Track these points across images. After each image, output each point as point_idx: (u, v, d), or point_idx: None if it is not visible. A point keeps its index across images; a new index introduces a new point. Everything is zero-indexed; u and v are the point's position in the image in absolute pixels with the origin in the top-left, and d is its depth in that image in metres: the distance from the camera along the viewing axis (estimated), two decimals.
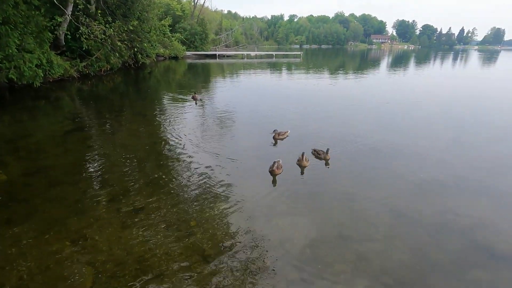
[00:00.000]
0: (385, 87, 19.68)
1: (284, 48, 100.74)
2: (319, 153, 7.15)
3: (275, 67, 32.67)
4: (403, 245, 4.31)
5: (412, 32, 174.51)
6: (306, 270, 3.82)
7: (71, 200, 5.14)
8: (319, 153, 7.15)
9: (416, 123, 10.56)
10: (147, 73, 25.12)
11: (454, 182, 6.22)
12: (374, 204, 5.33)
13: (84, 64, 18.67)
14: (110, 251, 4.02)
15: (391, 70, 31.36)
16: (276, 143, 8.13)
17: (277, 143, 8.15)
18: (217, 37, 58.99)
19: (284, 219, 4.83)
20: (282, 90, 17.25)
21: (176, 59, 38.13)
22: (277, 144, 8.11)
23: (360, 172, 6.57)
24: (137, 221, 4.64)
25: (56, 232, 4.35)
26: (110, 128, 9.55)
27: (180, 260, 3.90)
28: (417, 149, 8.01)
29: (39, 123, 10.01)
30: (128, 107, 12.91)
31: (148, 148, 7.73)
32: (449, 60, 51.19)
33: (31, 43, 13.51)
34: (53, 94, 14.53)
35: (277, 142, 8.17)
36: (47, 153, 7.21)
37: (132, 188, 5.58)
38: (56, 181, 5.79)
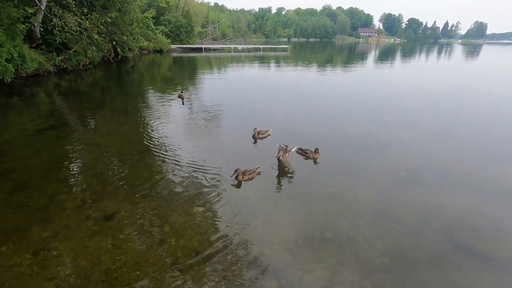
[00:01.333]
0: (372, 80, 19.67)
1: (272, 41, 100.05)
2: (306, 152, 6.86)
3: (262, 60, 32.28)
4: (384, 246, 4.17)
5: (399, 26, 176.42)
6: (285, 277, 3.62)
7: (35, 206, 4.77)
8: (306, 152, 6.86)
9: (401, 117, 10.52)
10: (130, 67, 24.34)
11: (438, 177, 6.16)
12: (357, 202, 5.18)
13: (61, 58, 17.84)
14: (75, 263, 3.72)
15: (378, 64, 31.48)
16: (255, 141, 7.85)
17: (257, 142, 7.85)
18: (203, 30, 57.90)
19: (264, 222, 4.62)
20: (269, 85, 16.96)
21: (160, 52, 37.22)
22: (256, 143, 7.82)
23: (344, 168, 6.42)
24: (107, 228, 4.34)
25: (15, 242, 4.00)
26: (86, 127, 9.08)
27: (151, 271, 3.64)
28: (402, 143, 7.96)
29: (10, 121, 9.42)
30: (109, 103, 12.38)
31: (124, 147, 7.36)
32: (434, 54, 51.93)
33: (1, 36, 12.72)
34: (28, 90, 13.80)
35: (256, 141, 7.88)
36: (14, 155, 6.73)
37: (104, 192, 5.25)
38: (20, 185, 5.38)
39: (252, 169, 5.86)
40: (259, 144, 7.76)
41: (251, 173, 5.80)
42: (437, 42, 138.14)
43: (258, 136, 7.95)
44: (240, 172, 5.67)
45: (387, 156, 7.17)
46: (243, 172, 5.72)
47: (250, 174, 5.76)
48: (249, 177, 5.76)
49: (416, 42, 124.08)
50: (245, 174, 5.71)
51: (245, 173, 5.72)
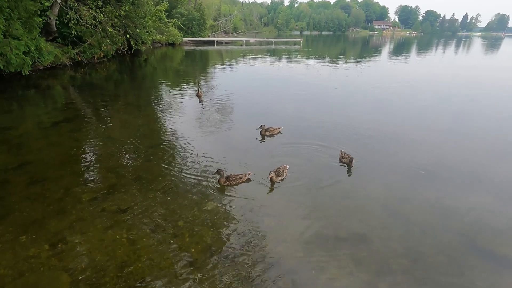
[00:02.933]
0: (385, 76, 19.18)
1: (284, 34, 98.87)
2: (344, 156, 6.29)
3: (274, 54, 31.95)
4: (401, 247, 4.05)
5: (415, 18, 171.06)
6: (299, 275, 3.57)
7: (52, 198, 4.85)
8: (344, 156, 6.29)
9: (414, 113, 10.23)
10: (142, 60, 24.49)
11: (454, 176, 5.98)
12: (372, 202, 5.07)
13: (76, 51, 18.08)
14: (91, 256, 3.76)
15: (392, 58, 30.70)
16: (263, 139, 7.68)
17: (265, 139, 7.66)
18: (215, 23, 57.58)
19: (276, 220, 4.56)
20: (281, 79, 16.77)
21: (173, 45, 37.29)
22: (264, 140, 7.63)
23: (357, 166, 6.26)
24: (121, 222, 4.37)
25: (33, 234, 4.07)
26: (100, 119, 9.18)
27: (166, 266, 3.64)
28: (415, 140, 7.76)
29: (27, 113, 9.62)
30: (122, 96, 12.49)
31: (138, 141, 7.40)
32: (451, 48, 50.24)
33: (19, 29, 12.93)
34: (44, 83, 14.07)
35: (264, 138, 7.70)
36: (31, 147, 6.87)
37: (119, 185, 5.29)
38: (37, 177, 5.49)
39: (238, 175, 5.43)
40: (272, 141, 7.67)
41: (235, 179, 5.38)
42: (455, 35, 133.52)
43: (265, 133, 7.75)
44: (223, 174, 5.32)
45: (400, 153, 6.99)
46: (227, 177, 5.36)
47: (233, 180, 5.36)
48: (232, 183, 5.36)
49: (433, 35, 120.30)
50: (228, 179, 5.34)
51: (229, 178, 5.35)
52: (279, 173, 5.51)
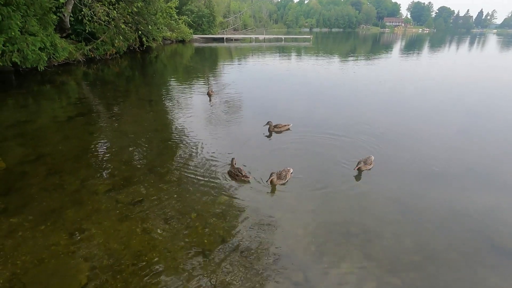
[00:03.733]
0: (396, 72, 18.91)
1: (294, 31, 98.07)
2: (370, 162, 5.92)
3: (284, 51, 31.82)
4: (414, 243, 4.04)
5: (428, 15, 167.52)
6: (311, 270, 3.60)
7: (69, 190, 4.99)
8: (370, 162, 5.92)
9: (425, 110, 10.08)
10: (153, 57, 24.74)
11: (466, 172, 5.91)
12: (384, 198, 5.05)
13: (90, 47, 18.38)
14: (107, 245, 3.87)
15: (403, 55, 30.21)
16: (270, 135, 7.66)
17: (272, 135, 7.63)
18: (225, 20, 57.61)
19: (288, 214, 4.60)
20: (290, 75, 16.73)
21: (183, 42, 37.51)
22: (271, 137, 7.59)
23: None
24: (136, 213, 4.47)
25: (52, 223, 4.21)
26: (113, 114, 9.35)
27: (179, 256, 3.72)
28: (427, 137, 7.67)
29: (43, 108, 9.87)
30: (134, 92, 12.67)
31: (150, 136, 7.52)
32: (465, 45, 49.08)
33: (35, 25, 13.23)
34: (59, 78, 14.37)
35: (271, 134, 7.68)
36: (48, 140, 7.06)
37: (133, 178, 5.40)
38: (54, 169, 5.65)
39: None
40: (282, 137, 7.69)
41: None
42: (470, 32, 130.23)
43: (273, 129, 7.72)
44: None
45: (412, 150, 6.93)
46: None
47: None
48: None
49: (446, 32, 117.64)
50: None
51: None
52: (281, 176, 5.29)
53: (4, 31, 11.36)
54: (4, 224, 4.15)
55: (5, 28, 11.33)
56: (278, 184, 5.29)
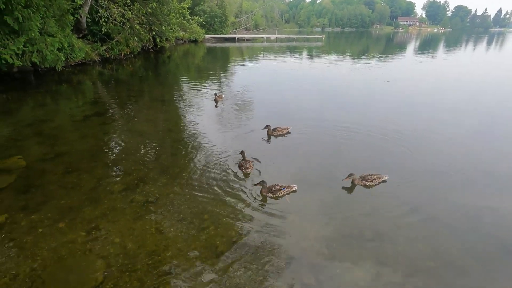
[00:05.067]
0: (409, 73, 18.55)
1: (306, 31, 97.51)
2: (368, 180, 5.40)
3: (295, 51, 31.68)
4: (428, 249, 3.97)
5: (444, 14, 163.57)
6: (323, 272, 3.59)
7: (86, 188, 5.12)
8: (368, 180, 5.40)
9: (439, 112, 9.87)
10: (166, 57, 25.05)
11: (483, 177, 5.76)
12: (398, 201, 4.98)
13: (105, 47, 18.77)
14: (123, 244, 3.95)
15: (417, 55, 29.61)
16: (269, 138, 7.53)
17: (271, 139, 7.50)
18: (236, 20, 57.75)
19: (300, 216, 4.59)
20: (301, 76, 16.65)
21: (195, 42, 37.83)
22: (270, 140, 7.46)
23: (382, 164, 6.16)
24: (150, 212, 4.55)
25: (70, 221, 4.33)
26: (128, 114, 9.53)
27: (192, 256, 3.77)
28: (442, 140, 7.51)
29: (60, 107, 10.15)
30: (147, 92, 12.87)
31: (163, 136, 7.64)
32: (482, 44, 47.70)
33: (53, 26, 13.61)
34: (75, 78, 14.74)
35: (270, 138, 7.55)
36: (65, 139, 7.26)
37: (147, 178, 5.50)
38: (72, 167, 5.80)
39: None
40: (293, 139, 7.67)
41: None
42: (488, 31, 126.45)
43: (272, 133, 7.57)
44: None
45: (426, 153, 6.80)
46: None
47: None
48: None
49: (463, 32, 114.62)
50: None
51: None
52: (271, 190, 4.98)
53: (25, 32, 11.74)
54: (25, 221, 4.30)
55: (26, 29, 11.70)
56: (267, 195, 5.03)
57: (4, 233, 4.07)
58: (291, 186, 5.15)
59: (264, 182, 5.04)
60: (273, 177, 5.56)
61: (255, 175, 5.70)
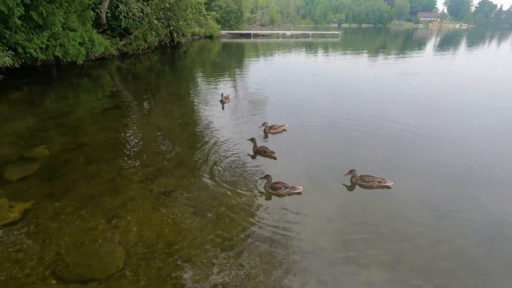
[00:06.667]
0: (427, 70, 17.94)
1: (322, 27, 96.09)
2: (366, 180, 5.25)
3: (311, 47, 31.32)
4: (449, 249, 3.88)
5: (467, 9, 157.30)
6: (339, 269, 3.58)
7: (106, 178, 5.28)
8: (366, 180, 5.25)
9: (456, 110, 9.57)
10: (182, 52, 25.30)
11: (508, 179, 5.52)
12: (415, 200, 4.89)
13: (123, 42, 19.14)
14: (141, 233, 4.06)
15: (437, 52, 28.66)
16: (266, 136, 7.40)
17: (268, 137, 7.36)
18: (252, 15, 57.56)
19: (316, 211, 4.58)
20: (316, 73, 16.45)
21: (211, 38, 38.00)
22: (267, 138, 7.32)
23: (400, 163, 6.04)
24: (167, 203, 4.65)
25: (92, 209, 4.48)
26: (145, 107, 9.72)
27: (209, 247, 3.83)
28: (459, 139, 7.29)
29: (81, 100, 10.46)
30: (164, 86, 13.06)
31: (180, 129, 7.75)
32: (508, 41, 45.65)
33: (75, 21, 13.98)
34: (95, 72, 15.11)
35: (267, 135, 7.42)
36: (86, 130, 7.49)
37: (164, 169, 5.61)
38: (93, 158, 5.98)
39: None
40: (306, 134, 7.62)
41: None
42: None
43: (269, 131, 7.45)
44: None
45: (445, 151, 6.64)
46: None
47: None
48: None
49: (486, 28, 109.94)
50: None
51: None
52: (274, 187, 4.94)
53: (48, 26, 12.11)
54: (50, 207, 4.48)
55: (49, 24, 12.08)
56: (268, 191, 5.00)
57: (31, 218, 4.26)
58: (295, 187, 4.99)
59: (269, 176, 5.03)
60: (285, 172, 5.57)
61: (268, 166, 5.71)
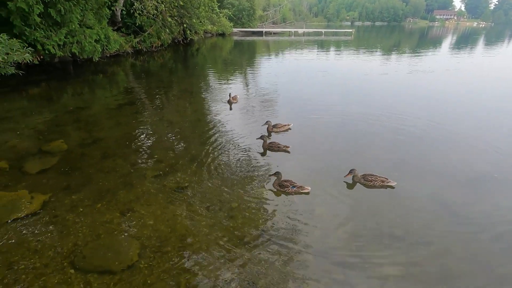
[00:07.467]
0: (442, 69, 17.49)
1: (334, 25, 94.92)
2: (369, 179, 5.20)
3: (323, 45, 31.02)
4: (465, 253, 3.80)
5: (485, 7, 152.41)
6: (351, 269, 3.55)
7: (121, 172, 5.38)
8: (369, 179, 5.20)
9: (480, 111, 9.30)
10: (195, 49, 25.46)
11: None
12: (430, 202, 4.79)
13: (138, 40, 19.40)
14: (155, 226, 4.13)
15: (453, 51, 27.92)
16: (270, 135, 7.29)
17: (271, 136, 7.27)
18: (264, 13, 57.41)
19: (328, 211, 4.55)
20: (328, 71, 16.28)
21: (223, 36, 38.08)
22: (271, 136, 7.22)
23: (414, 164, 5.93)
24: (180, 198, 4.71)
25: (107, 202, 4.58)
26: (158, 104, 9.84)
27: (221, 243, 3.86)
28: (475, 141, 7.09)
29: (96, 96, 10.68)
30: (176, 83, 13.19)
31: (192, 125, 7.82)
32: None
33: (91, 19, 14.26)
34: (110, 69, 15.39)
35: (271, 134, 7.31)
36: (102, 125, 7.65)
37: (177, 165, 5.68)
38: (108, 153, 6.11)
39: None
40: (318, 133, 7.57)
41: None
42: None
43: (272, 129, 7.35)
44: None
45: (460, 151, 6.51)
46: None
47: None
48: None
49: (506, 26, 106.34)
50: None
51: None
52: (282, 185, 4.95)
53: (66, 24, 12.40)
54: (67, 200, 4.60)
55: (67, 21, 12.36)
56: (277, 189, 5.01)
57: (49, 210, 4.38)
58: (303, 187, 4.94)
59: (278, 173, 5.04)
60: (294, 170, 5.56)
61: (278, 164, 5.70)
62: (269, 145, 6.36)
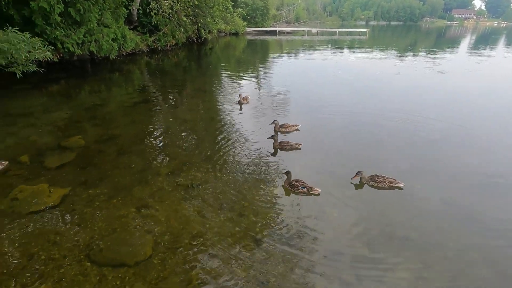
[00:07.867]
0: (459, 71, 16.99)
1: (349, 24, 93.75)
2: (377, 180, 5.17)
3: (337, 45, 30.69)
4: (480, 257, 3.72)
5: (507, 6, 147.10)
6: (363, 271, 3.53)
7: (136, 169, 5.51)
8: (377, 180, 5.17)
9: (496, 114, 8.99)
10: (208, 49, 25.66)
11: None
12: (445, 205, 4.71)
13: (153, 38, 19.72)
14: (168, 223, 4.21)
15: (472, 52, 27.09)
16: (276, 135, 7.03)
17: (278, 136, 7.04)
18: (278, 12, 57.23)
19: (341, 211, 4.53)
20: (342, 71, 16.11)
21: (236, 35, 38.20)
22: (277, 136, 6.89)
23: (427, 166, 5.82)
24: (193, 196, 4.78)
25: (123, 197, 4.70)
26: (172, 102, 10.00)
27: (232, 242, 3.91)
28: (491, 144, 6.91)
29: (112, 93, 10.93)
30: (190, 82, 13.35)
31: (205, 124, 7.91)
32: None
33: (109, 18, 14.60)
34: (125, 67, 15.70)
35: (277, 134, 7.17)
36: (118, 122, 7.83)
37: (190, 163, 5.76)
38: (124, 149, 6.26)
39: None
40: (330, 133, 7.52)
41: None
42: None
43: (279, 129, 7.28)
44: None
45: (475, 154, 6.35)
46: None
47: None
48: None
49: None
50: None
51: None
52: (292, 184, 4.96)
53: (85, 23, 12.73)
54: (84, 194, 4.75)
55: (85, 20, 12.69)
56: (287, 188, 5.01)
57: (68, 203, 4.54)
58: (314, 188, 4.91)
59: (289, 173, 5.04)
60: (305, 170, 5.54)
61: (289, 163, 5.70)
62: (280, 144, 6.37)
